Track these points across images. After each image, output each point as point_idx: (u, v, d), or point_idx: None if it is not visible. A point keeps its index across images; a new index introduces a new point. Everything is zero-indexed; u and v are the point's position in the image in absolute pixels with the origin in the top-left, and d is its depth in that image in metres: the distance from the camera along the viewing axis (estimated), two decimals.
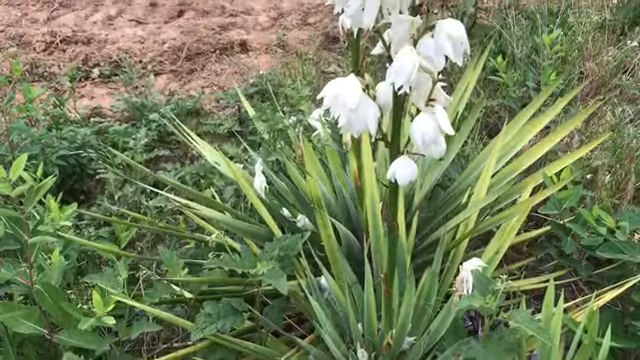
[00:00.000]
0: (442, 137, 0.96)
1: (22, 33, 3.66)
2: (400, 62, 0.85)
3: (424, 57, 0.88)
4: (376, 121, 0.93)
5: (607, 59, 2.92)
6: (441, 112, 0.94)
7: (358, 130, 0.93)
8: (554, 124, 2.29)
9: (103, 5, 4.00)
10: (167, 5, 4.01)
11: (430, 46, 0.87)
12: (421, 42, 0.87)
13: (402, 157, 1.00)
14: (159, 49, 3.59)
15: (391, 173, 1.00)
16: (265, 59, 3.57)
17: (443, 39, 0.83)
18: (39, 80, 3.30)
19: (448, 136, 0.97)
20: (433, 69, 0.89)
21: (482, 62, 2.08)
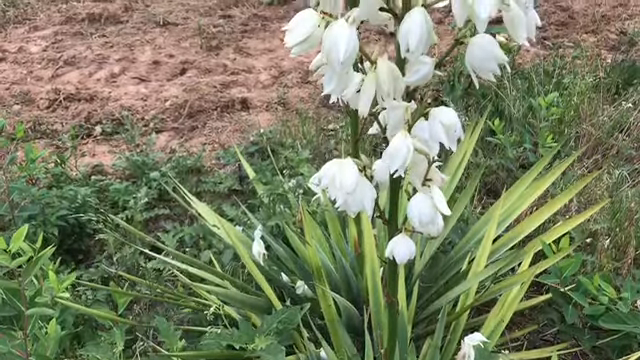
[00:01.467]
0: (439, 216, 0.97)
1: (27, 90, 3.72)
2: (395, 147, 0.86)
3: (419, 139, 0.90)
4: (373, 202, 0.93)
5: (603, 119, 2.96)
6: (437, 193, 0.95)
7: (355, 211, 0.93)
8: (553, 186, 2.31)
9: (107, 63, 4.08)
10: (170, 63, 4.08)
11: (425, 129, 0.88)
12: (416, 126, 0.89)
13: (400, 235, 1.00)
14: (161, 106, 3.64)
15: (389, 251, 1.00)
16: (266, 116, 3.62)
17: (437, 127, 0.85)
18: (41, 137, 3.33)
19: (448, 202, 0.98)
20: (428, 151, 0.91)
21: (480, 126, 2.11)
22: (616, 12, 4.82)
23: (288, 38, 0.80)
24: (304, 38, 0.79)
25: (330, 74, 0.81)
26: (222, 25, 4.60)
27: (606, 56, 4.18)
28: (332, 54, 0.77)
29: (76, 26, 4.52)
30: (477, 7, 0.71)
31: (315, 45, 0.81)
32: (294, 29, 0.80)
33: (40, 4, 4.84)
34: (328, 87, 0.83)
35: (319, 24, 0.79)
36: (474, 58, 0.83)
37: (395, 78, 0.83)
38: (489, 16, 0.72)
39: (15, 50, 4.18)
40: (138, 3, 4.91)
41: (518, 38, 0.79)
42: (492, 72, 0.83)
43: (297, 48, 0.81)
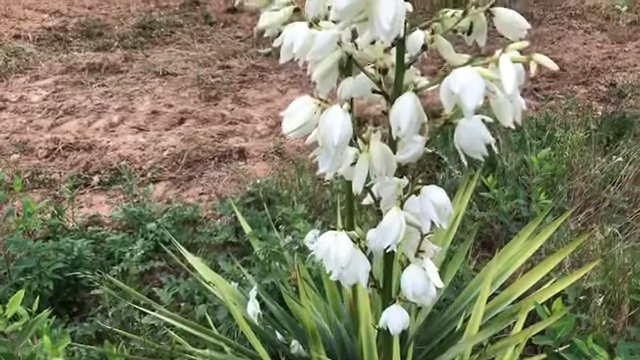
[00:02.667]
0: (432, 287, 0.99)
1: (26, 140, 3.76)
2: (388, 223, 0.88)
3: (411, 213, 0.92)
4: (367, 275, 0.95)
5: (595, 172, 3.01)
6: (430, 265, 0.97)
7: (350, 283, 0.95)
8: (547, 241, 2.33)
9: (106, 112, 4.13)
10: (168, 113, 4.14)
11: (416, 204, 0.91)
12: (408, 201, 0.92)
13: (394, 306, 1.02)
14: (159, 156, 3.68)
15: (383, 322, 1.02)
16: (262, 166, 3.65)
17: (428, 206, 0.88)
18: (39, 187, 3.36)
19: (444, 261, 1.00)
20: (420, 225, 0.93)
21: (474, 181, 2.14)
22: (605, 64, 4.94)
23: (286, 124, 0.84)
24: (301, 124, 0.83)
25: (325, 156, 0.85)
26: (221, 75, 4.68)
27: (597, 107, 4.27)
28: (327, 139, 0.80)
29: (76, 76, 4.60)
30: (464, 99, 0.74)
31: (312, 128, 0.85)
32: (292, 115, 0.83)
33: (42, 54, 4.93)
34: (323, 167, 0.86)
35: (315, 111, 0.83)
36: (462, 139, 0.86)
37: (387, 158, 0.86)
38: (476, 105, 0.75)
39: (16, 99, 4.24)
40: (138, 53, 5.01)
41: (504, 121, 0.83)
42: (480, 153, 0.87)
43: (295, 133, 0.85)
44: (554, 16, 6.02)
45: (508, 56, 0.77)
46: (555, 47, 5.30)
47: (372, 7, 0.72)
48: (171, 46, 5.20)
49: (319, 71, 0.86)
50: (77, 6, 5.89)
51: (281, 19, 0.92)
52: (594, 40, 5.44)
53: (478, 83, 0.75)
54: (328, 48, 0.85)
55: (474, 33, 0.92)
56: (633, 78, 4.60)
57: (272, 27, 0.95)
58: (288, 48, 0.88)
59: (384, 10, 0.71)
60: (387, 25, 0.71)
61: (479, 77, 0.75)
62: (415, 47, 1.09)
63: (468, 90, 0.74)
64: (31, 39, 5.13)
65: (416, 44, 1.09)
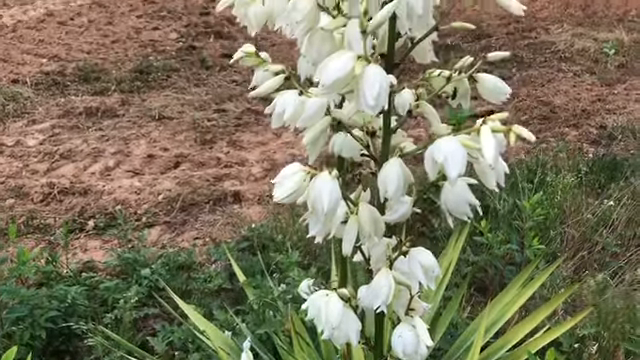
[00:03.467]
0: (423, 346, 1.00)
1: (21, 184, 3.78)
2: (377, 284, 0.90)
3: (401, 272, 0.94)
4: (358, 334, 0.96)
5: (587, 216, 3.03)
6: (420, 323, 0.98)
7: (341, 343, 0.96)
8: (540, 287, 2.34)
9: (102, 156, 4.16)
10: (164, 157, 4.18)
11: (405, 264, 0.93)
12: (397, 261, 0.94)
13: None
14: (154, 200, 3.69)
15: None
16: (257, 209, 3.67)
17: (416, 267, 0.89)
18: (34, 232, 3.36)
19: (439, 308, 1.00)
20: (409, 284, 0.95)
21: (467, 229, 2.16)
22: (595, 107, 5.02)
23: (277, 192, 0.86)
24: (292, 192, 0.85)
25: (315, 220, 0.87)
26: (216, 119, 4.74)
27: (588, 150, 4.33)
28: (317, 205, 0.83)
29: (73, 120, 4.65)
30: (447, 168, 0.77)
31: (301, 194, 0.87)
32: (283, 183, 0.86)
33: (39, 98, 4.99)
34: (313, 231, 0.89)
35: (305, 179, 0.85)
36: (448, 202, 0.88)
37: (375, 220, 0.88)
38: (459, 174, 0.78)
39: (12, 144, 4.27)
40: (135, 97, 5.07)
41: (488, 185, 0.86)
42: (465, 215, 0.89)
43: (286, 200, 0.88)
44: (544, 59, 6.14)
45: (489, 126, 0.81)
46: (546, 90, 5.39)
47: (357, 82, 0.76)
48: (167, 90, 5.28)
49: (309, 136, 0.89)
50: (75, 51, 5.98)
51: (272, 87, 0.95)
52: (584, 83, 5.54)
53: (460, 152, 0.78)
54: (317, 115, 0.88)
55: (458, 97, 0.95)
56: (623, 120, 4.68)
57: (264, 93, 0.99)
58: (279, 115, 0.91)
59: (368, 86, 0.74)
60: (372, 101, 0.74)
61: (461, 147, 0.78)
62: (403, 106, 1.13)
63: (451, 159, 0.77)
64: (29, 83, 5.20)
65: (404, 103, 1.13)
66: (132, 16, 7.06)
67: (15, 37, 6.17)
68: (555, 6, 8.01)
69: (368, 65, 0.75)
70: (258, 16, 1.15)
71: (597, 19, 7.47)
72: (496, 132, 0.81)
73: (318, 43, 0.84)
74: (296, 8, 0.81)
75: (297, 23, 0.82)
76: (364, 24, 0.76)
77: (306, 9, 0.81)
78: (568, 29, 6.99)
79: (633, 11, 7.79)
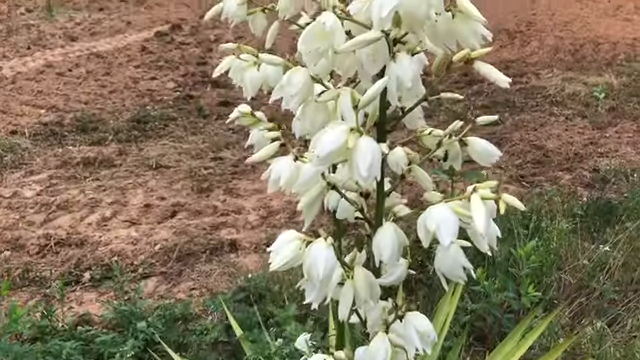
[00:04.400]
0: None
1: (18, 236, 3.77)
2: (374, 348, 0.91)
3: (397, 335, 0.95)
4: None
5: (583, 262, 3.04)
6: None
7: None
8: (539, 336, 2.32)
9: (99, 207, 4.17)
10: (161, 206, 4.19)
11: (401, 327, 0.94)
12: (393, 325, 0.94)
13: None
14: (151, 250, 3.69)
15: None
16: (254, 258, 3.66)
17: (412, 333, 0.90)
18: (29, 285, 3.34)
19: None
20: (406, 347, 0.95)
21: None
22: (588, 150, 5.08)
23: (274, 261, 0.88)
24: (288, 261, 0.87)
25: (311, 287, 0.88)
26: (213, 167, 4.77)
27: (582, 193, 4.35)
28: (312, 272, 0.84)
29: (71, 170, 4.67)
30: (440, 236, 0.79)
31: (298, 261, 0.89)
32: (279, 252, 0.87)
33: (37, 149, 5.03)
34: (309, 297, 0.90)
35: (300, 247, 0.87)
36: (443, 266, 0.90)
37: (371, 285, 0.90)
38: (451, 241, 0.79)
39: (9, 195, 4.28)
40: (132, 147, 5.12)
41: (481, 248, 0.87)
42: (460, 278, 0.90)
43: (282, 269, 0.89)
44: (535, 103, 6.24)
45: (479, 195, 0.83)
46: (538, 134, 5.46)
47: (351, 153, 0.78)
48: (165, 139, 5.33)
49: (304, 202, 0.91)
50: (73, 101, 6.06)
51: (268, 154, 0.98)
52: (575, 126, 5.62)
53: (452, 220, 0.80)
54: (312, 181, 0.90)
55: (449, 160, 0.98)
56: (615, 163, 4.73)
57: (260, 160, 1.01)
58: (275, 181, 0.93)
59: (361, 158, 0.77)
60: (364, 172, 0.76)
61: (453, 214, 0.80)
62: (396, 163, 1.15)
63: (443, 228, 0.79)
64: (27, 134, 5.24)
65: (397, 160, 1.15)
66: (130, 66, 7.18)
67: (14, 88, 6.26)
68: (545, 51, 8.19)
69: (360, 137, 0.78)
70: (254, 81, 1.19)
71: (586, 63, 7.63)
72: (486, 200, 0.83)
73: (312, 114, 0.87)
74: (291, 82, 0.84)
75: (291, 97, 0.85)
76: (355, 99, 0.79)
77: (301, 82, 0.84)
78: (558, 74, 7.12)
79: (621, 55, 7.96)
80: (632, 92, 6.45)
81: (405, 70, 0.80)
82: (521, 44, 8.56)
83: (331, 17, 0.79)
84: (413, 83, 0.80)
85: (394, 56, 0.81)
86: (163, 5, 10.56)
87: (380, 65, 0.82)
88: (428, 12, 0.78)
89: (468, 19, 0.83)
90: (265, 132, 1.41)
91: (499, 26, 9.47)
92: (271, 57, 1.00)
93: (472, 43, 0.85)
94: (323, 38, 0.79)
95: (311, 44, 0.81)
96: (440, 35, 0.84)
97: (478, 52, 0.85)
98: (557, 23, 9.63)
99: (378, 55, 0.81)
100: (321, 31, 0.79)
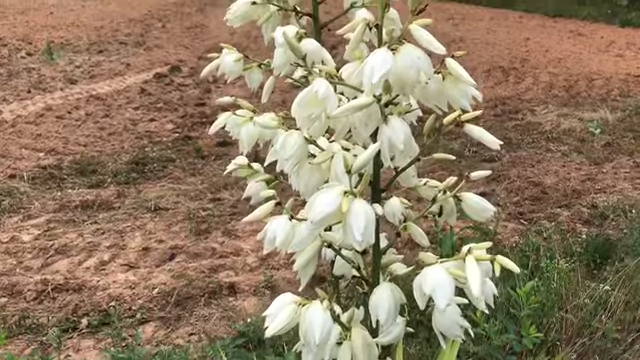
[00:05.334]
0: None
1: (15, 282, 3.74)
2: None
3: None
4: None
5: (585, 301, 3.02)
6: None
7: None
8: None
9: (97, 250, 4.16)
10: (159, 249, 4.17)
11: None
12: None
13: None
14: (149, 295, 3.66)
15: None
16: (253, 301, 3.64)
17: None
18: (26, 332, 3.30)
19: None
20: None
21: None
22: (585, 186, 5.10)
23: (270, 326, 0.87)
24: (283, 326, 0.86)
25: (307, 351, 0.87)
26: (211, 208, 4.77)
27: (581, 230, 4.35)
28: (309, 337, 0.84)
29: (69, 213, 4.67)
30: (436, 298, 0.79)
31: (294, 324, 0.88)
32: (275, 317, 0.87)
33: (36, 192, 5.03)
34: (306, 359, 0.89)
35: (297, 311, 0.87)
36: (440, 325, 0.89)
37: (369, 346, 0.89)
38: (448, 304, 0.80)
39: (7, 240, 4.27)
40: (131, 189, 5.13)
41: (478, 306, 0.87)
42: (457, 336, 0.90)
43: (278, 333, 0.88)
44: (532, 140, 6.29)
45: (473, 257, 0.83)
46: (535, 170, 5.49)
47: (345, 217, 0.79)
48: (163, 181, 5.34)
49: (300, 261, 0.91)
50: (72, 144, 6.09)
51: (265, 213, 0.98)
52: (572, 162, 5.65)
53: (448, 283, 0.80)
54: (308, 240, 0.90)
55: (444, 216, 0.98)
56: (613, 200, 4.74)
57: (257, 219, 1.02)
58: (271, 240, 0.93)
59: (355, 221, 0.77)
60: (359, 236, 0.77)
61: (449, 277, 0.81)
62: (392, 214, 1.16)
63: (439, 290, 0.79)
64: (26, 178, 5.25)
65: (393, 211, 1.16)
66: (129, 108, 7.25)
67: (14, 132, 6.30)
68: (539, 87, 8.30)
69: (354, 200, 0.79)
70: (250, 136, 1.21)
71: (581, 99, 7.72)
72: (480, 261, 0.84)
73: (306, 176, 0.88)
74: (285, 146, 0.85)
75: (286, 160, 0.86)
76: (349, 164, 0.80)
77: (296, 145, 0.85)
78: (553, 110, 7.20)
79: (615, 90, 8.06)
80: (627, 127, 6.52)
81: (397, 133, 0.81)
82: (516, 81, 8.68)
83: (323, 85, 0.81)
84: (405, 145, 0.81)
85: (386, 119, 0.82)
86: (162, 47, 10.72)
87: (373, 128, 0.83)
88: (418, 77, 0.80)
89: (458, 81, 0.85)
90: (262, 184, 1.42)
91: (494, 63, 9.62)
92: (266, 120, 1.02)
93: (463, 104, 0.86)
94: (316, 105, 0.81)
95: (304, 110, 0.82)
96: (431, 96, 0.86)
97: (468, 115, 0.87)
98: (551, 59, 9.78)
99: (370, 118, 0.82)
100: (314, 98, 0.81)
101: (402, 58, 0.79)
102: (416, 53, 0.79)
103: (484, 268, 0.84)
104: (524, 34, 12.20)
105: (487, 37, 11.94)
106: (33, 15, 14.12)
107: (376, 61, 0.77)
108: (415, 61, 0.78)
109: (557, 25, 13.63)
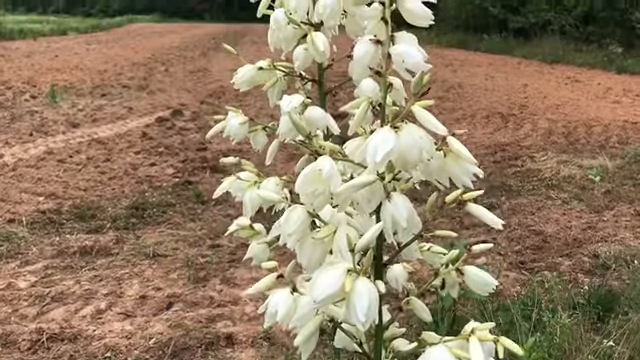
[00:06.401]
0: None
1: (9, 331, 3.69)
2: None
3: None
4: None
5: (589, 357, 2.97)
6: None
7: None
8: None
9: (94, 298, 4.11)
10: (157, 297, 4.13)
11: None
12: None
13: None
14: (145, 345, 3.60)
15: None
16: (251, 353, 3.58)
17: None
18: None
19: None
20: None
21: None
22: (587, 235, 5.07)
23: None
24: None
25: None
26: (210, 255, 4.74)
27: (583, 280, 4.31)
28: None
29: (67, 259, 4.64)
30: None
31: None
32: None
33: (34, 237, 5.01)
34: None
35: None
36: None
37: None
38: None
39: (3, 287, 4.22)
40: (129, 235, 5.10)
41: None
42: None
43: None
44: (532, 187, 6.29)
45: (477, 337, 0.82)
46: (536, 218, 5.48)
47: (348, 296, 0.78)
48: (162, 226, 5.32)
49: (301, 338, 0.90)
50: (73, 188, 6.10)
51: (266, 286, 0.97)
52: (573, 210, 5.64)
53: None
54: (310, 315, 0.89)
55: (447, 288, 0.97)
56: (615, 249, 4.71)
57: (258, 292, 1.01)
58: (272, 315, 0.92)
59: (359, 302, 0.76)
60: (362, 316, 0.76)
61: (452, 356, 0.79)
62: (395, 279, 1.15)
63: None
64: (25, 223, 5.24)
65: (396, 277, 1.15)
66: (130, 152, 7.28)
67: (15, 176, 6.31)
68: (538, 134, 8.36)
69: (357, 279, 0.78)
70: (253, 201, 1.21)
71: (580, 146, 7.76)
72: (483, 341, 0.82)
73: (309, 251, 0.87)
74: (288, 222, 0.85)
75: (289, 235, 0.86)
76: (352, 243, 0.79)
77: (299, 220, 0.85)
78: (552, 156, 7.24)
79: (614, 137, 8.12)
80: (627, 175, 6.53)
81: (400, 211, 0.81)
82: (515, 127, 8.75)
83: (327, 164, 0.81)
84: (409, 222, 0.81)
85: (389, 196, 0.82)
86: (165, 91, 10.85)
87: (375, 204, 0.83)
88: (420, 157, 0.80)
89: (459, 159, 0.85)
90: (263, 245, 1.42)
91: (493, 109, 9.72)
92: (269, 194, 1.02)
93: (464, 181, 0.86)
94: (320, 182, 0.81)
95: (308, 187, 0.82)
96: (433, 172, 0.86)
97: (470, 195, 0.87)
98: (549, 106, 9.89)
99: (374, 195, 0.82)
100: (318, 176, 0.81)
101: (405, 138, 0.79)
102: (418, 133, 0.80)
103: (487, 347, 0.83)
104: (522, 80, 12.37)
105: (486, 83, 12.11)
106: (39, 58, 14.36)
107: (379, 140, 0.78)
108: (417, 141, 0.79)
109: (555, 71, 13.84)
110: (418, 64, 0.82)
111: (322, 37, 1.20)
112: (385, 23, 0.86)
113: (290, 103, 1.13)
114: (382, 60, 0.85)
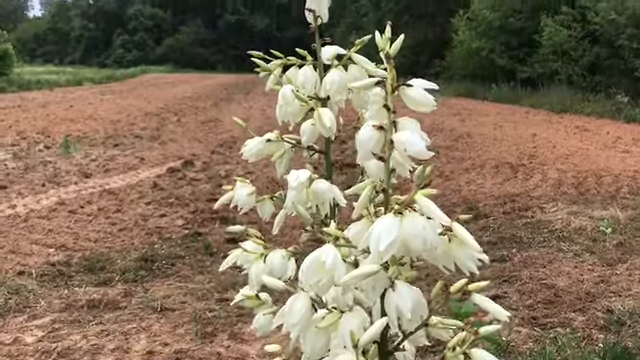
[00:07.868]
0: None
1: None
2: None
3: None
4: None
5: None
6: None
7: None
8: None
9: (101, 354, 4.06)
10: (164, 353, 4.07)
11: None
12: None
13: None
14: None
15: None
16: None
17: None
18: None
19: None
20: None
21: None
22: (599, 289, 4.99)
23: None
24: None
25: None
26: (218, 310, 4.70)
27: (597, 337, 4.22)
28: None
29: (75, 313, 4.61)
30: None
31: None
32: None
33: (43, 290, 5.00)
34: None
35: None
36: None
37: None
38: None
39: (10, 342, 4.20)
40: (138, 287, 5.09)
41: None
42: None
43: None
44: (542, 239, 6.23)
45: None
46: (547, 271, 5.41)
47: None
48: (171, 279, 5.30)
49: None
50: (83, 239, 6.12)
51: None
52: (584, 263, 5.57)
53: None
54: None
55: None
56: (629, 304, 4.62)
57: None
58: None
59: None
60: None
61: None
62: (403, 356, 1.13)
63: None
64: (34, 275, 5.24)
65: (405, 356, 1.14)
66: (141, 203, 7.32)
67: (26, 227, 6.35)
68: (548, 184, 8.33)
69: None
70: (258, 275, 1.21)
71: (590, 197, 7.72)
72: None
73: (312, 339, 0.87)
74: (292, 311, 0.85)
75: (292, 325, 0.86)
76: (355, 339, 0.79)
77: (303, 310, 0.85)
78: (563, 207, 7.19)
79: (624, 188, 8.07)
80: (639, 226, 6.46)
81: (405, 301, 0.81)
82: (524, 177, 8.74)
83: (331, 255, 0.82)
84: (413, 315, 0.80)
85: (393, 285, 0.82)
86: (177, 141, 10.99)
87: (380, 291, 0.83)
88: (424, 247, 0.80)
89: (463, 244, 0.86)
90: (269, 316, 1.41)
91: (502, 159, 9.74)
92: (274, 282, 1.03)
93: (470, 267, 0.86)
94: (324, 272, 0.82)
95: (312, 277, 0.83)
96: (438, 257, 0.86)
97: (475, 286, 0.87)
98: (558, 156, 9.89)
99: (378, 283, 0.82)
100: (322, 266, 0.81)
101: (408, 226, 0.80)
102: (422, 222, 0.80)
103: None
104: (531, 129, 12.42)
105: (494, 132, 12.16)
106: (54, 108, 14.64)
107: (382, 229, 0.79)
108: (420, 231, 0.79)
109: (563, 121, 13.90)
110: (420, 152, 0.83)
111: (329, 113, 1.23)
112: (387, 110, 0.88)
113: (297, 178, 1.15)
114: (385, 146, 0.87)
